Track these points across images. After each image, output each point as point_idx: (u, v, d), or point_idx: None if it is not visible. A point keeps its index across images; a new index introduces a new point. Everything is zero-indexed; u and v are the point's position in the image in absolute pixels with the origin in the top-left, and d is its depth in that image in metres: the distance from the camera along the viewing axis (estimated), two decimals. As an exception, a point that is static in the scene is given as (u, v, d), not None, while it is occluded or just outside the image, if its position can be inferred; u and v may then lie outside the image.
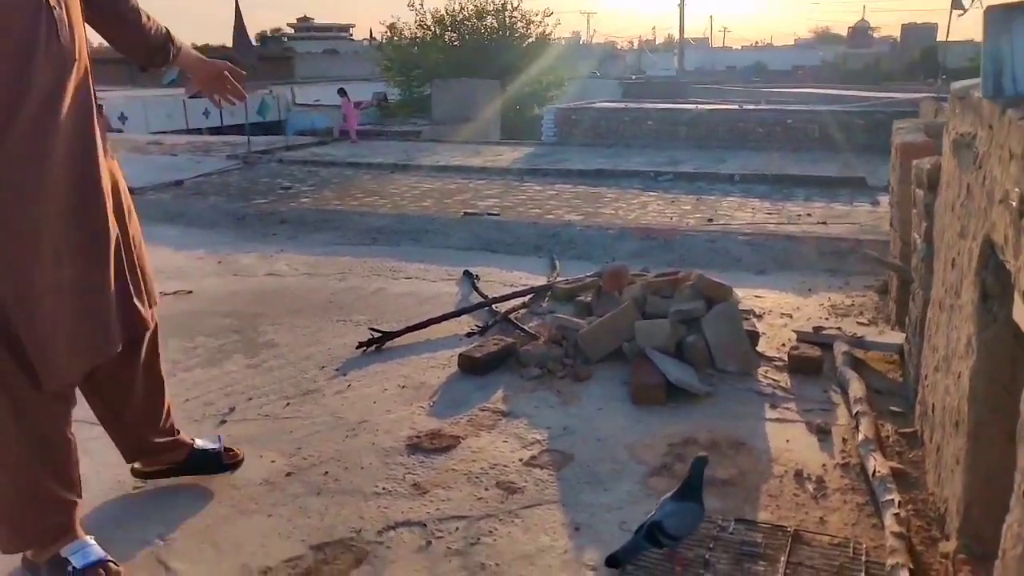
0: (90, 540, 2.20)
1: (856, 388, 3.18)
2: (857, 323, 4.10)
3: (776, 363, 3.65)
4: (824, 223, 6.75)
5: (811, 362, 3.54)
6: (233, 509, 2.54)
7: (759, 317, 4.24)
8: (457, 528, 2.43)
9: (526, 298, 4.53)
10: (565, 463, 2.81)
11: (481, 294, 4.68)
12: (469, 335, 3.99)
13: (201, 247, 6.22)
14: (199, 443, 2.67)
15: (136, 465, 2.62)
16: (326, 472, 2.75)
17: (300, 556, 2.28)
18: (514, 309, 4.37)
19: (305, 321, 4.40)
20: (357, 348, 3.90)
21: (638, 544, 2.20)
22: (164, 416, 2.55)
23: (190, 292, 4.89)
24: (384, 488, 2.65)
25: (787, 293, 4.68)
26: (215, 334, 4.16)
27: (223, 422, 3.11)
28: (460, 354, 3.66)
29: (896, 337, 3.67)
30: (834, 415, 3.15)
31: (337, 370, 3.68)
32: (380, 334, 3.98)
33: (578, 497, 2.60)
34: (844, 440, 2.94)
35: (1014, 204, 1.52)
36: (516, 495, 2.61)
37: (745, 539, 2.35)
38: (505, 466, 2.79)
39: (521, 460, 2.83)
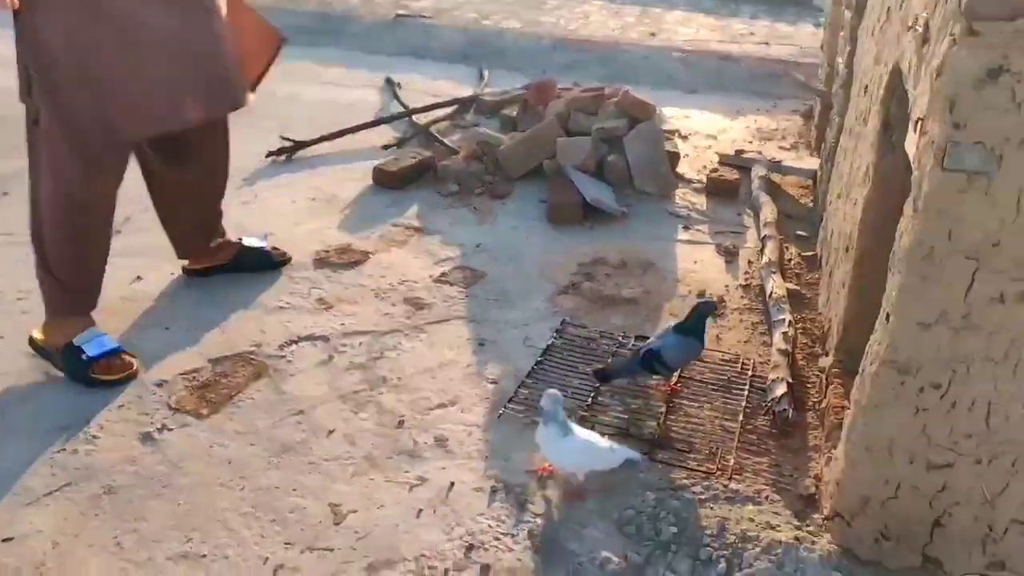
0: (102, 331, 2.23)
1: (767, 212, 3.22)
2: (779, 147, 4.09)
3: (695, 185, 3.65)
4: (766, 43, 6.56)
5: (728, 185, 3.55)
6: (128, 320, 2.50)
7: (684, 138, 4.19)
8: (360, 343, 2.46)
9: (449, 110, 4.35)
10: (475, 280, 2.83)
11: (402, 104, 4.48)
12: (386, 147, 3.85)
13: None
14: (247, 241, 2.76)
15: (186, 263, 2.70)
16: (228, 285, 2.71)
17: (198, 369, 2.29)
18: (436, 121, 4.21)
19: (214, 128, 4.17)
20: (266, 157, 3.74)
21: (632, 366, 2.19)
22: (219, 213, 2.64)
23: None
24: (288, 303, 2.63)
25: (716, 114, 4.61)
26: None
27: (118, 232, 2.98)
28: (375, 167, 3.55)
29: (812, 163, 3.69)
30: (744, 238, 3.21)
31: (244, 180, 3.52)
32: (291, 143, 3.81)
33: (486, 313, 2.63)
34: (749, 262, 3.01)
35: (919, 30, 1.45)
36: (423, 311, 2.63)
37: (641, 355, 2.44)
38: (414, 282, 2.79)
39: (431, 277, 2.83)
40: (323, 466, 1.98)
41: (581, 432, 1.87)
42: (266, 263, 2.77)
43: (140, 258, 2.76)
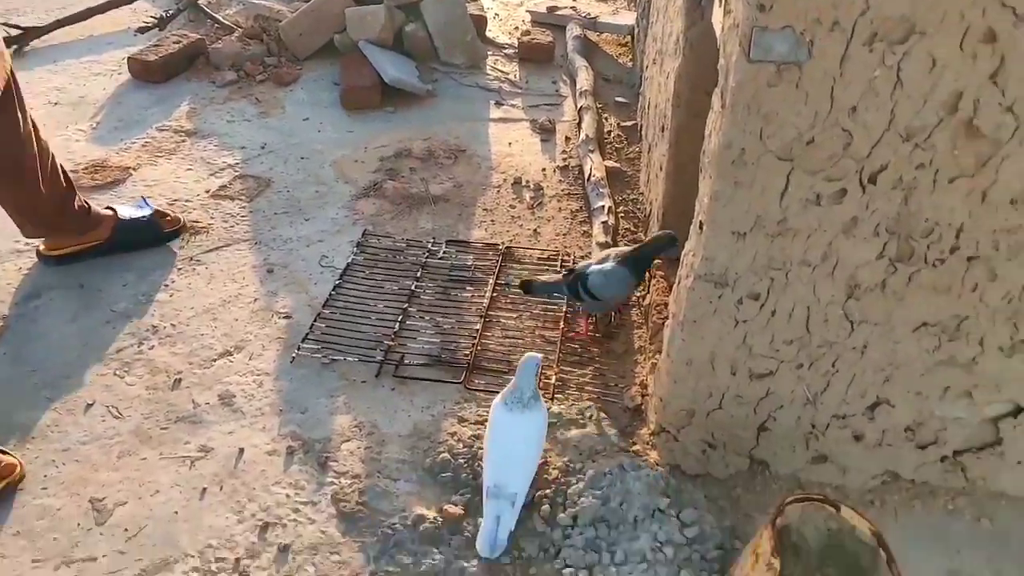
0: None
1: (583, 79, 2.97)
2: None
3: (507, 51, 3.33)
4: None
5: (541, 49, 3.25)
6: None
7: (493, -6, 3.80)
8: (125, 284, 2.06)
9: (223, -24, 3.71)
10: (261, 191, 2.45)
11: (165, -29, 3.78)
12: (142, 30, 3.23)
13: None
14: (124, 212, 2.14)
15: (41, 247, 2.08)
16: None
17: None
18: (208, -9, 3.58)
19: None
20: (-6, 53, 3.05)
21: (558, 287, 1.90)
22: (64, 178, 1.99)
23: None
24: (28, 243, 2.16)
25: (527, -37, 4.20)
26: None
27: None
28: (130, 57, 2.97)
29: (630, 17, 3.44)
30: (561, 110, 2.97)
31: (-37, 87, 2.87)
32: (20, 30, 3.11)
33: (274, 231, 2.29)
34: (567, 139, 2.79)
35: None
36: (199, 237, 2.25)
37: (455, 263, 2.21)
38: (187, 201, 2.38)
39: (208, 192, 2.42)
40: (80, 451, 1.65)
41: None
42: (154, 236, 2.17)
43: None
